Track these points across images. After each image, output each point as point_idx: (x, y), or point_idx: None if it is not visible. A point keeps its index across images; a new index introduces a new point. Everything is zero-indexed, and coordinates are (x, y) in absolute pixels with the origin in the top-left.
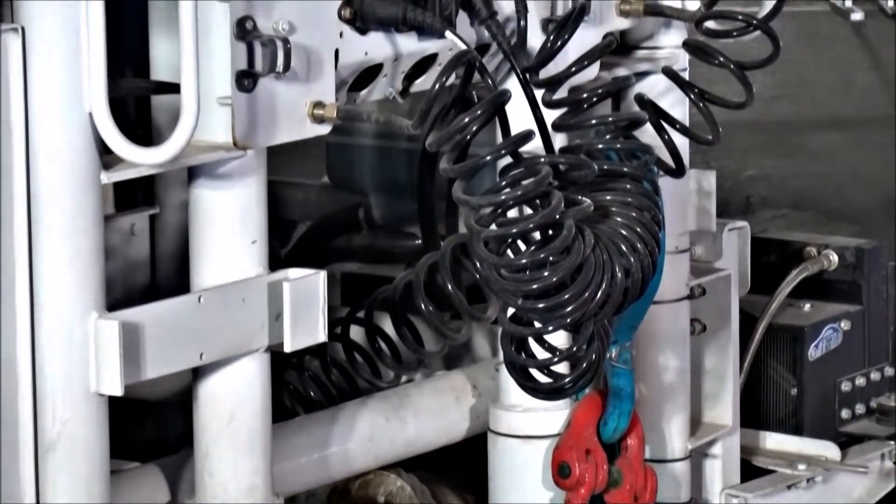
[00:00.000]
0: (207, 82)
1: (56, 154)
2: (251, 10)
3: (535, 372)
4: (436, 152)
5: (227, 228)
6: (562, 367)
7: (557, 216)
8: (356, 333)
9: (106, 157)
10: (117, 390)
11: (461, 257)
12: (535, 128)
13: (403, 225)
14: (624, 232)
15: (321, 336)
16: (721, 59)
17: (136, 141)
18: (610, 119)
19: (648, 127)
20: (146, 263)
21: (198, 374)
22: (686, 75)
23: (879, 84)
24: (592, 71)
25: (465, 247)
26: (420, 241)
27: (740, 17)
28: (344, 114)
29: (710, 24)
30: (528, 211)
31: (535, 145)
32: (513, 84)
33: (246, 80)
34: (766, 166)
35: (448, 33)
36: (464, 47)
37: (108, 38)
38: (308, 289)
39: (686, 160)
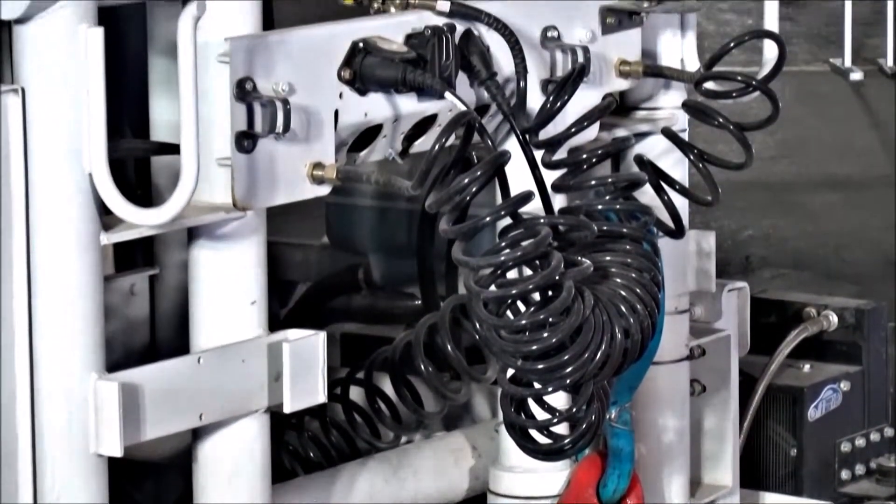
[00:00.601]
0: (207, 143)
1: (56, 215)
2: (251, 71)
3: (534, 433)
4: (435, 213)
5: (227, 289)
6: (561, 428)
7: (557, 277)
8: (356, 394)
9: (106, 217)
10: (117, 451)
11: (461, 318)
12: (534, 189)
13: (403, 285)
14: (623, 293)
15: (321, 397)
16: (720, 119)
17: (135, 201)
18: (609, 180)
19: (648, 187)
20: (146, 324)
21: (197, 434)
22: (685, 136)
23: (879, 144)
24: (592, 132)
25: (464, 307)
26: (419, 302)
27: (740, 78)
28: (343, 175)
29: (709, 84)
30: (527, 272)
31: (534, 206)
32: (512, 145)
33: (246, 140)
34: (765, 226)
35: (448, 94)
36: (463, 108)
37: (108, 98)
38: (307, 349)
39: (686, 221)
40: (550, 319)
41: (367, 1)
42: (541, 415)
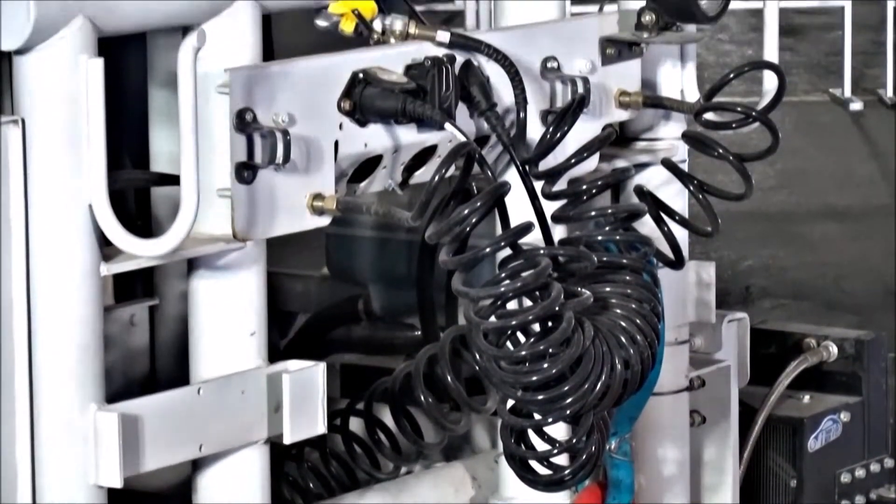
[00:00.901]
0: (207, 174)
1: (56, 245)
2: (251, 102)
3: (534, 464)
4: (435, 244)
5: (227, 320)
6: (561, 459)
7: (557, 308)
8: (355, 425)
9: (106, 248)
10: (116, 482)
11: (460, 349)
12: (534, 219)
13: (403, 316)
14: (623, 324)
15: (321, 428)
16: (720, 150)
17: (135, 232)
18: (609, 211)
19: (648, 218)
20: (145, 354)
21: (197, 465)
22: (685, 166)
23: (879, 174)
24: (592, 162)
25: (464, 338)
26: (419, 333)
27: (739, 109)
28: (343, 205)
29: (709, 115)
30: (527, 303)
31: (534, 237)
32: (512, 175)
33: (245, 171)
34: (765, 256)
35: (447, 125)
36: (463, 139)
37: (109, 129)
38: (307, 380)
39: (685, 252)
40: (550, 350)
41: (367, 32)
42: (541, 446)
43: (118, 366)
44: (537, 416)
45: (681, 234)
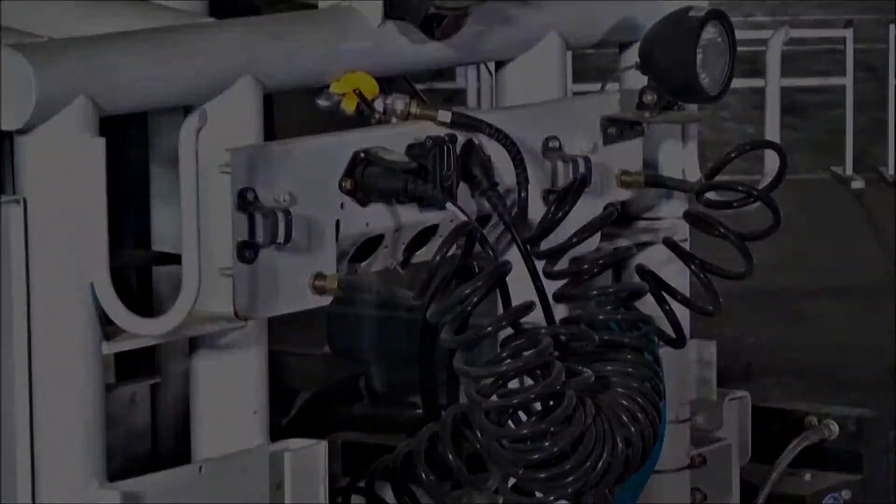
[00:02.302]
0: (208, 253)
1: (57, 324)
2: (252, 182)
3: None
4: (437, 323)
5: (228, 398)
6: None
7: (558, 387)
8: (357, 503)
9: (107, 327)
10: None
11: (462, 427)
12: (535, 298)
13: (404, 394)
14: (625, 402)
15: None
16: (722, 229)
17: (137, 311)
18: (611, 290)
19: (649, 297)
20: (147, 433)
21: None
22: (687, 245)
23: (880, 252)
24: (593, 242)
25: (465, 416)
26: (421, 411)
27: (741, 188)
28: (345, 285)
29: (710, 194)
30: (529, 381)
31: (535, 316)
32: (514, 255)
33: (247, 251)
34: (766, 334)
35: (449, 205)
36: (465, 218)
37: (110, 207)
38: (309, 459)
39: (687, 330)
40: (552, 429)
41: (369, 111)
42: None
43: (120, 444)
44: (539, 494)
45: (682, 313)
